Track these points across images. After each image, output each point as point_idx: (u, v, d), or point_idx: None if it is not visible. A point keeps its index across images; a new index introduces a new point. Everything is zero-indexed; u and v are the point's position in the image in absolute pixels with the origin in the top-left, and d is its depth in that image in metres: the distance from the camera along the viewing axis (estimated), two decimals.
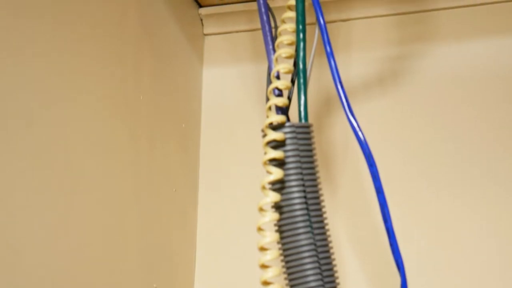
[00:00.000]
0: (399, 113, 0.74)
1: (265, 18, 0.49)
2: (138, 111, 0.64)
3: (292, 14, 0.49)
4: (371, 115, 0.74)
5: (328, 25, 0.48)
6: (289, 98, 0.49)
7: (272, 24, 0.51)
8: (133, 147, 0.63)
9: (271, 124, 0.47)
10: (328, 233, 0.47)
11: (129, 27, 0.64)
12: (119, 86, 0.61)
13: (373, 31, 0.77)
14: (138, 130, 0.64)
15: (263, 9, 0.50)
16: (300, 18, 0.49)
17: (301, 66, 0.48)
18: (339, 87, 0.46)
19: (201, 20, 0.83)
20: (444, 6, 0.75)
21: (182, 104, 0.76)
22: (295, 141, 0.47)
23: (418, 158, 0.73)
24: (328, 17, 0.77)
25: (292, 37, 0.49)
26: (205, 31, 0.84)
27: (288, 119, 0.47)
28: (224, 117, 0.80)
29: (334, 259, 0.48)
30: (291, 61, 0.49)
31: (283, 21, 0.50)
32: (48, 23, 0.50)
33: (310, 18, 0.49)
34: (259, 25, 0.50)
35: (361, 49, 0.77)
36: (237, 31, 0.83)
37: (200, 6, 0.83)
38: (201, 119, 0.81)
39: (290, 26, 0.49)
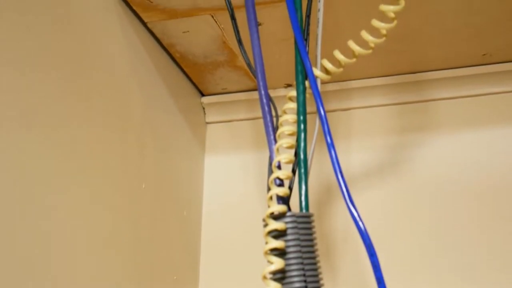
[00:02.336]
0: (399, 202, 0.74)
1: (266, 109, 0.50)
2: (140, 199, 0.65)
3: (293, 105, 0.50)
4: (372, 204, 0.75)
5: (328, 114, 0.49)
6: (290, 188, 0.49)
7: (273, 113, 0.52)
8: (134, 235, 0.63)
9: (272, 214, 0.47)
10: None
11: (132, 115, 0.65)
12: (122, 174, 0.62)
13: (373, 120, 0.78)
14: (140, 218, 0.64)
15: (264, 100, 0.50)
16: (301, 109, 0.49)
17: (302, 156, 0.48)
18: (339, 177, 0.46)
19: (203, 108, 0.85)
20: (443, 96, 0.77)
21: (184, 192, 0.76)
22: (296, 230, 0.47)
23: (419, 247, 0.72)
24: (328, 106, 0.79)
25: (293, 128, 0.49)
26: (207, 120, 0.85)
27: (289, 209, 0.48)
28: (225, 205, 0.81)
29: None
30: (292, 151, 0.49)
31: (284, 112, 0.51)
32: (51, 109, 0.51)
33: (311, 107, 0.50)
34: (260, 114, 0.51)
35: (361, 137, 0.78)
36: (238, 120, 0.84)
37: (203, 95, 0.85)
38: (202, 206, 0.81)
39: (291, 116, 0.50)
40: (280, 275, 0.46)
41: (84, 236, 0.54)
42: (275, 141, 0.49)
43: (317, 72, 0.51)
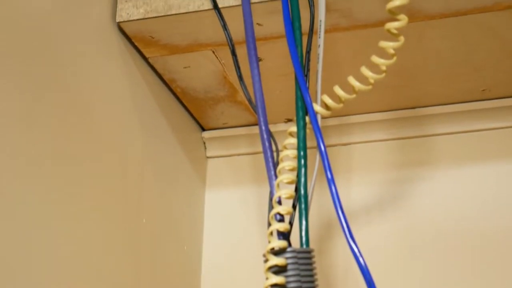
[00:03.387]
0: (400, 237, 0.74)
1: (267, 144, 0.50)
2: (140, 233, 0.64)
3: (293, 140, 0.51)
4: (372, 239, 0.74)
5: (328, 149, 0.50)
6: (291, 223, 0.49)
7: (274, 148, 0.52)
8: (135, 269, 0.63)
9: (272, 249, 0.47)
10: None
11: (133, 149, 0.65)
12: (122, 208, 0.62)
13: (373, 155, 0.79)
14: (141, 252, 0.64)
15: (264, 136, 0.51)
16: (301, 144, 0.50)
17: (302, 191, 0.48)
18: (340, 213, 0.46)
19: (204, 143, 0.85)
20: (443, 131, 0.77)
21: (184, 226, 0.76)
22: (296, 266, 0.47)
23: (419, 282, 0.72)
24: (328, 141, 0.79)
25: (293, 163, 0.50)
26: (208, 154, 0.85)
27: (290, 244, 0.48)
28: (226, 240, 0.80)
29: None
30: (293, 186, 0.50)
31: (285, 147, 0.51)
32: (51, 142, 0.52)
33: (311, 141, 0.50)
34: (260, 149, 0.51)
35: (361, 172, 0.78)
36: (239, 154, 0.84)
37: (203, 129, 0.85)
38: (203, 241, 0.81)
39: (292, 152, 0.50)
40: None
41: (84, 271, 0.54)
42: (276, 176, 0.50)
43: (317, 107, 0.51)
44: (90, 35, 0.59)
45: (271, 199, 0.49)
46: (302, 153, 0.49)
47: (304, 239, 0.48)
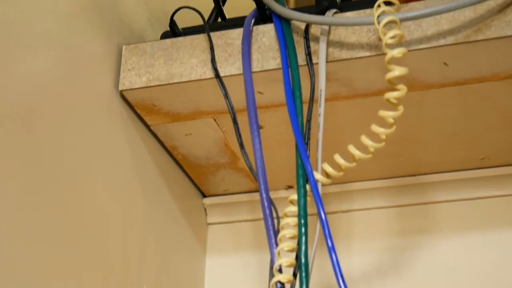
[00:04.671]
0: None
1: (267, 212, 0.51)
2: None
3: (294, 208, 0.51)
4: None
5: (329, 216, 0.50)
6: None
7: (274, 215, 0.52)
8: None
9: None
10: None
11: (134, 216, 0.65)
12: (123, 275, 0.61)
13: (374, 222, 0.78)
14: None
15: (265, 204, 0.51)
16: (302, 212, 0.50)
17: (303, 260, 0.48)
18: (340, 281, 0.46)
19: (205, 209, 0.85)
20: (442, 199, 0.77)
21: None
22: None
23: None
24: (329, 208, 0.79)
25: (294, 231, 0.50)
26: (209, 221, 0.85)
27: None
28: None
29: None
30: (293, 254, 0.50)
31: (286, 215, 0.51)
32: (52, 214, 0.52)
33: (312, 208, 0.50)
34: (261, 215, 0.51)
35: (362, 239, 0.78)
36: (239, 221, 0.84)
37: (204, 196, 0.85)
38: None
39: (292, 220, 0.50)
40: None
41: None
42: (276, 244, 0.50)
43: (317, 176, 0.51)
44: (93, 103, 0.60)
45: (271, 267, 0.49)
46: (302, 221, 0.50)
47: None
